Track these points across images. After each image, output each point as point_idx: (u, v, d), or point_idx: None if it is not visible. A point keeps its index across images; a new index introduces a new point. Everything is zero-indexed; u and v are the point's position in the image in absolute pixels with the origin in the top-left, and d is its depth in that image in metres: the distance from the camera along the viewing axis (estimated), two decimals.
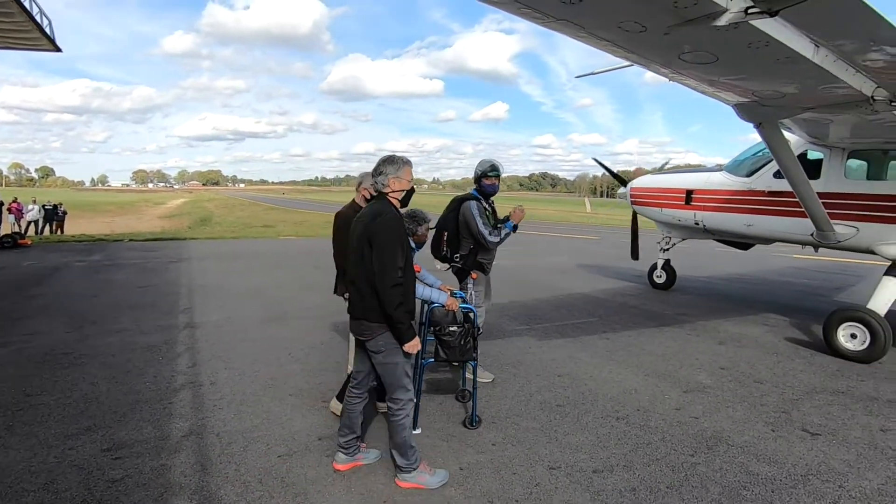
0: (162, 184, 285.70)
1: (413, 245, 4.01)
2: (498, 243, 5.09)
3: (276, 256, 14.67)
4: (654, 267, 10.53)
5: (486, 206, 5.19)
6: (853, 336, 6.18)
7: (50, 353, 5.82)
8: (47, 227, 24.96)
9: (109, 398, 4.66)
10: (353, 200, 4.90)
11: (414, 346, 3.34)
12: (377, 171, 3.45)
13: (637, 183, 10.18)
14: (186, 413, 4.41)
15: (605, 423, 4.37)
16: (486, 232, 5.01)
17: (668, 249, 10.20)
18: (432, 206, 4.80)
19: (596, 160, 11.12)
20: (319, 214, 38.43)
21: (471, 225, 5.04)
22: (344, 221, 4.63)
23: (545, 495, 3.33)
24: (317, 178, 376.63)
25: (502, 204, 5.67)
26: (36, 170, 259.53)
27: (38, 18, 12.81)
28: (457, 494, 3.33)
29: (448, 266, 5.26)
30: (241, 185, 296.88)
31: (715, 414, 4.63)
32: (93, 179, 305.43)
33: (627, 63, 4.76)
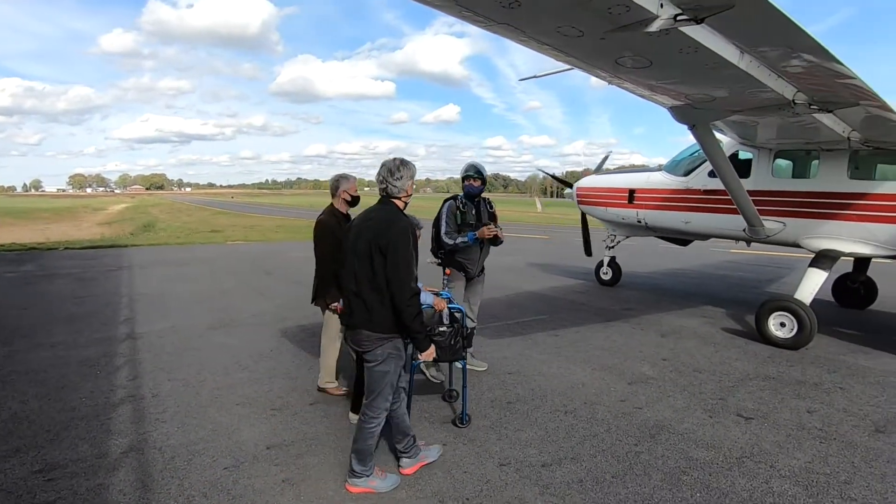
0: (102, 188, 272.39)
1: None
2: (450, 245, 5.25)
3: (224, 262, 14.23)
4: (600, 264, 10.84)
5: (460, 206, 5.35)
6: (782, 325, 6.58)
7: None
8: None
9: (41, 416, 4.41)
10: (332, 206, 4.84)
11: (430, 354, 3.40)
12: (394, 175, 3.29)
13: (582, 183, 10.47)
14: (126, 429, 4.22)
15: (554, 418, 4.48)
16: (442, 230, 5.26)
17: (613, 247, 10.53)
18: None
19: (542, 171, 11.26)
20: (270, 219, 37.54)
21: (438, 223, 5.31)
22: (327, 230, 4.64)
23: (495, 492, 3.38)
24: (267, 180, 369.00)
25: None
26: None
27: None
28: (408, 496, 3.34)
29: (438, 261, 5.48)
30: (188, 189, 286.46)
31: (657, 403, 4.82)
32: (25, 185, 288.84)
33: (568, 67, 4.89)
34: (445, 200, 5.47)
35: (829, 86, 4.62)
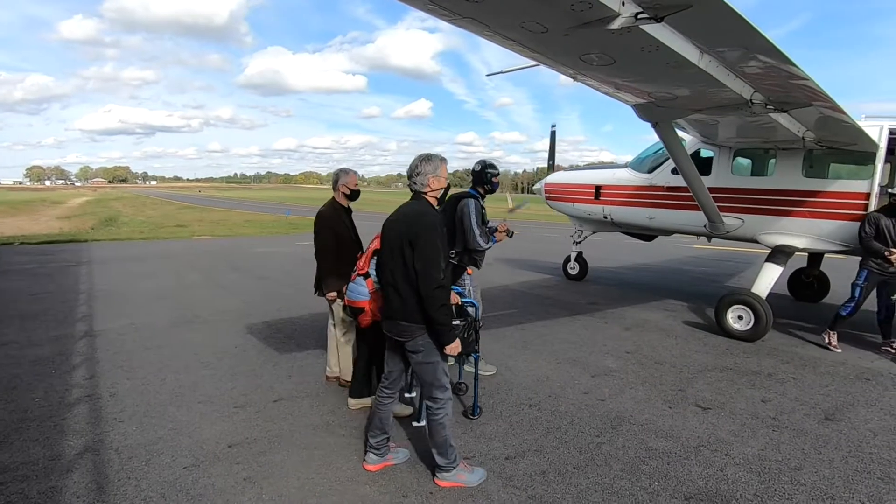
0: (61, 181, 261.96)
1: None
2: (483, 248, 5.14)
3: (190, 258, 13.91)
4: (567, 259, 11.00)
5: (482, 206, 5.23)
6: (740, 317, 6.79)
7: None
8: None
9: None
10: (333, 199, 4.91)
11: (454, 347, 3.30)
12: (414, 172, 3.38)
13: (551, 179, 10.59)
14: (82, 429, 4.10)
15: (519, 411, 4.53)
16: (477, 232, 5.04)
17: (580, 242, 10.69)
18: (358, 203, 4.82)
19: (553, 129, 10.93)
20: (239, 213, 36.83)
21: (465, 222, 5.04)
22: (327, 222, 4.73)
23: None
24: (236, 174, 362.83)
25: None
26: None
27: None
28: (371, 491, 3.33)
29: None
30: (153, 183, 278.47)
31: (619, 395, 4.93)
32: None
33: (535, 63, 4.92)
34: (462, 197, 5.16)
35: (784, 86, 4.77)
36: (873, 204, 6.54)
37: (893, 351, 6.36)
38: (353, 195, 4.92)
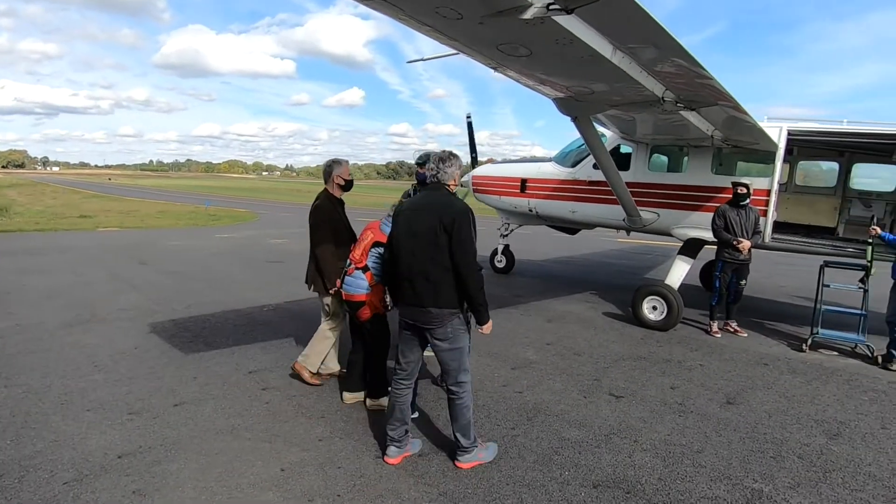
0: None
1: None
2: None
3: (92, 251, 12.80)
4: (494, 252, 11.07)
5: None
6: (654, 308, 7.09)
7: None
8: None
9: None
10: (326, 191, 4.79)
11: (490, 326, 3.49)
12: (445, 163, 3.51)
13: (478, 172, 10.59)
14: None
15: (436, 407, 4.45)
16: None
17: (507, 235, 10.79)
18: (287, 194, 4.58)
19: (469, 120, 11.16)
20: (153, 203, 34.52)
21: None
22: (325, 215, 4.60)
23: (369, 485, 3.28)
24: (152, 161, 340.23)
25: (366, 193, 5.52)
26: None
27: None
28: (275, 497, 3.14)
29: None
30: (55, 169, 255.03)
31: (537, 387, 4.97)
32: None
33: (454, 51, 4.83)
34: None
35: (691, 85, 4.95)
36: (773, 201, 6.99)
37: (732, 330, 7.02)
38: (348, 185, 4.87)
